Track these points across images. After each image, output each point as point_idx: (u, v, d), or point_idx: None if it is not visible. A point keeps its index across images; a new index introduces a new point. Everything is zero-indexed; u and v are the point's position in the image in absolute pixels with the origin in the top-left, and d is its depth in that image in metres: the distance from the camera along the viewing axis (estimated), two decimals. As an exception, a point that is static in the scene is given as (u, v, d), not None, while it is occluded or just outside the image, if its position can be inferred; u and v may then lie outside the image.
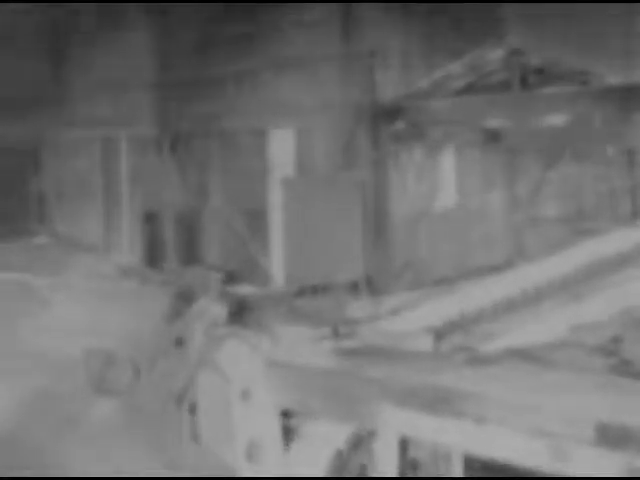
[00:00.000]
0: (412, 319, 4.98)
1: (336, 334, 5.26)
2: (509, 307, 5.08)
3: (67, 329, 3.34)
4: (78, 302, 3.41)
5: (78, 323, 3.37)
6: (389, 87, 12.15)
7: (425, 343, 4.37)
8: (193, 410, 3.64)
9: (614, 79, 11.40)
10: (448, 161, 12.91)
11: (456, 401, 3.28)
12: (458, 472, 3.85)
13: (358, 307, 7.84)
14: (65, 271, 3.55)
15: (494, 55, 12.08)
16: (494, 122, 12.29)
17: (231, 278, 11.49)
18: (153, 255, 13.71)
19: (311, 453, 3.85)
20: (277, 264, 12.44)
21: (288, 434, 3.82)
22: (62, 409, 3.30)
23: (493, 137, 12.36)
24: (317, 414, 3.76)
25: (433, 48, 12.11)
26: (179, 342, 3.57)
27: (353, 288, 11.04)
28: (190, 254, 13.54)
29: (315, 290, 10.42)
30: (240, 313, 4.23)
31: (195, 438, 3.62)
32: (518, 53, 11.92)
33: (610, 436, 2.80)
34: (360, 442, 3.87)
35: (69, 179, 14.95)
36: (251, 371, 3.66)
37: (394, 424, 3.40)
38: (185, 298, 3.72)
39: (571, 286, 5.16)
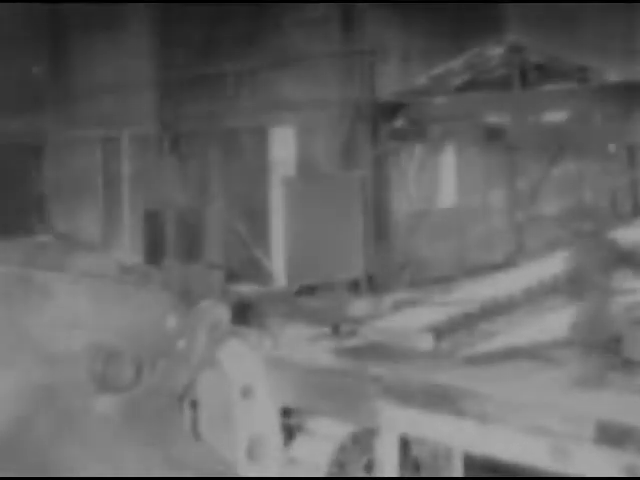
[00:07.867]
0: (413, 318, 4.98)
1: (337, 333, 5.26)
2: (509, 305, 5.08)
3: (69, 323, 3.34)
4: (80, 297, 3.41)
5: (80, 318, 3.37)
6: (389, 85, 12.15)
7: (426, 342, 4.38)
8: (194, 408, 3.65)
9: (614, 76, 11.39)
10: (448, 159, 12.92)
11: (456, 400, 3.28)
12: (458, 471, 3.86)
13: (359, 306, 7.84)
14: (66, 269, 3.55)
15: (494, 52, 12.07)
16: (494, 119, 12.28)
17: (232, 277, 11.49)
18: (154, 254, 13.71)
19: (312, 451, 3.86)
20: (278, 263, 12.44)
21: (289, 432, 3.83)
22: (62, 404, 3.29)
23: (493, 134, 12.36)
24: (318, 412, 3.77)
25: (433, 47, 12.11)
26: (181, 340, 3.58)
27: (354, 287, 11.04)
28: (191, 253, 13.54)
29: (316, 289, 10.41)
30: (242, 312, 4.24)
31: (196, 436, 3.63)
32: (518, 50, 11.91)
33: (610, 435, 2.81)
34: (361, 439, 3.88)
35: (70, 178, 14.96)
36: (252, 369, 3.67)
37: (395, 423, 3.41)
38: (187, 297, 3.72)
39: (571, 284, 5.17)
